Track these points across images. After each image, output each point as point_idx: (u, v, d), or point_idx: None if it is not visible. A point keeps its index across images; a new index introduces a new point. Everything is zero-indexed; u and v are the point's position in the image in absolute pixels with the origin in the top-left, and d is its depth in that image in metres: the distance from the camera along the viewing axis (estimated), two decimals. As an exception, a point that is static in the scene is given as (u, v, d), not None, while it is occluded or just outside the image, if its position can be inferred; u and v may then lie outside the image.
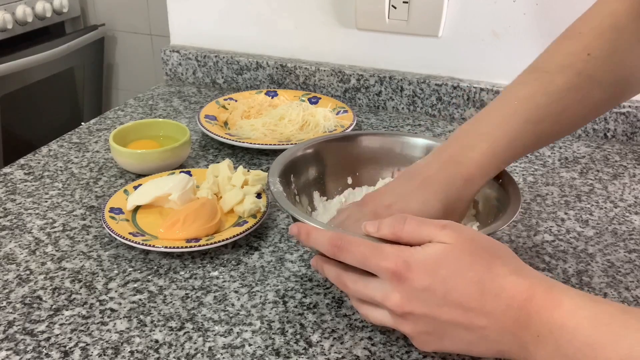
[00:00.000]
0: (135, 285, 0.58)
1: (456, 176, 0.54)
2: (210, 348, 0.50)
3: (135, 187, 0.70)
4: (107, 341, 0.51)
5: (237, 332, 0.52)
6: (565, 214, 0.72)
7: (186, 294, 0.57)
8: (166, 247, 0.60)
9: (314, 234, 0.48)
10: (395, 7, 0.96)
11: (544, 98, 0.55)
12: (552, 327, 0.39)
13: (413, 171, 0.57)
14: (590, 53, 0.55)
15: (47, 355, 0.49)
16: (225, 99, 0.98)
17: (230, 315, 0.54)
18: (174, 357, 0.49)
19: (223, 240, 0.61)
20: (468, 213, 0.62)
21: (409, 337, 0.46)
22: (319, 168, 0.66)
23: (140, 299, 0.56)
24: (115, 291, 0.57)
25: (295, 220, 0.52)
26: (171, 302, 0.56)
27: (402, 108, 1.02)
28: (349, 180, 0.68)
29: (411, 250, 0.44)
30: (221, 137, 0.85)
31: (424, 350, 0.48)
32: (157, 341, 0.51)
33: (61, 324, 0.53)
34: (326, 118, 0.90)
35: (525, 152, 0.58)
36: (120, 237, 0.61)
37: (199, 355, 0.50)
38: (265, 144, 0.82)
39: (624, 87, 0.58)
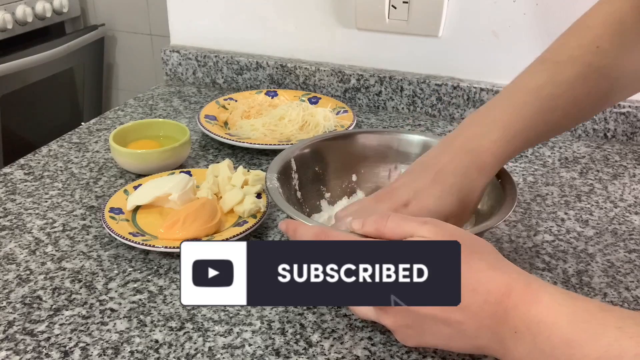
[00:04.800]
0: (135, 285, 0.58)
1: (470, 167, 0.55)
2: (210, 348, 0.50)
3: (135, 187, 0.70)
4: (107, 341, 0.51)
5: (237, 332, 0.52)
6: (565, 214, 0.72)
7: (186, 294, 0.57)
8: (166, 247, 0.60)
9: (300, 230, 0.49)
10: (395, 7, 0.96)
11: (555, 89, 0.56)
12: (530, 323, 0.39)
13: (426, 162, 0.57)
14: (599, 46, 0.56)
15: (47, 355, 0.49)
16: (225, 99, 0.98)
17: (230, 315, 0.54)
18: (174, 357, 0.49)
19: (223, 241, 0.61)
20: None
21: (391, 331, 0.47)
22: (322, 165, 0.66)
23: (140, 299, 0.56)
24: (115, 291, 0.57)
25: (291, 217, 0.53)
26: (171, 302, 0.56)
27: (402, 108, 1.02)
28: (354, 178, 0.68)
29: None
30: (221, 137, 0.85)
31: (406, 345, 0.48)
32: (157, 341, 0.51)
33: (61, 324, 0.53)
34: (326, 118, 0.90)
35: (537, 141, 0.59)
36: (120, 237, 0.61)
37: (199, 355, 0.50)
38: (265, 144, 0.83)
39: (629, 81, 0.59)
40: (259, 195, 0.69)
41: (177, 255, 0.62)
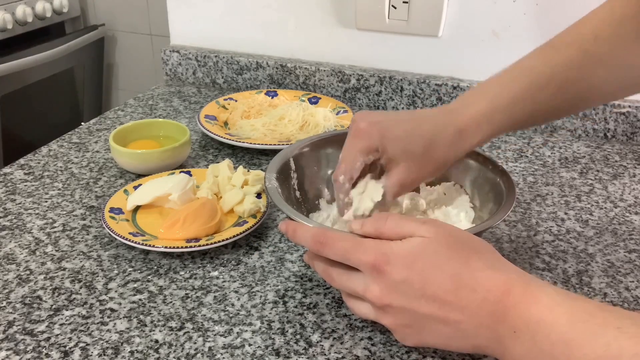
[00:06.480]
0: (135, 285, 0.58)
1: (449, 124, 0.55)
2: (210, 348, 0.50)
3: (135, 187, 0.70)
4: (107, 341, 0.51)
5: (237, 332, 0.52)
6: (565, 214, 0.72)
7: (186, 294, 0.57)
8: (166, 247, 0.60)
9: (300, 231, 0.49)
10: (395, 7, 0.96)
11: (547, 68, 0.57)
12: (529, 322, 0.39)
13: (413, 110, 0.59)
14: (598, 35, 0.56)
15: (47, 355, 0.49)
16: (225, 99, 0.98)
17: (230, 315, 0.54)
18: (174, 357, 0.49)
19: (223, 240, 0.61)
20: (466, 215, 0.62)
21: (391, 331, 0.47)
22: (321, 164, 0.66)
23: (140, 299, 0.56)
24: (115, 291, 0.57)
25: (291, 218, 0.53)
26: (171, 302, 0.56)
27: (402, 108, 1.02)
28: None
29: (390, 244, 0.45)
30: (221, 137, 0.85)
31: (405, 345, 0.49)
32: (157, 341, 0.51)
33: (61, 324, 0.53)
34: (326, 118, 0.90)
35: (524, 120, 0.58)
36: (120, 237, 0.61)
37: (199, 355, 0.50)
38: (265, 144, 0.83)
39: (625, 75, 0.59)
40: (259, 195, 0.69)
41: (177, 255, 0.62)
